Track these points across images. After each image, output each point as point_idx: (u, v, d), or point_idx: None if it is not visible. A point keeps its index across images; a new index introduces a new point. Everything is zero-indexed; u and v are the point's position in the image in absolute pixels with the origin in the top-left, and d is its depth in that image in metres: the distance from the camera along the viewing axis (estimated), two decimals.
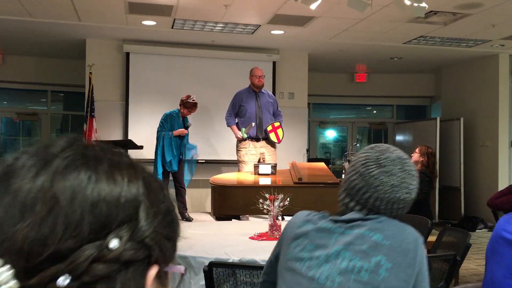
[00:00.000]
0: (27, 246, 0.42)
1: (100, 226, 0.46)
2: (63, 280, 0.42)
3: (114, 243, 0.45)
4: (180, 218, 5.98)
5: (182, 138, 6.15)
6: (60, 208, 0.45)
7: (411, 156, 5.10)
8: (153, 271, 0.50)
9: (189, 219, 6.06)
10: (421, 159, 4.91)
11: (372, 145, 1.34)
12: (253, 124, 5.97)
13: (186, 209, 6.22)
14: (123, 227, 0.47)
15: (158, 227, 0.51)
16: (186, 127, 6.16)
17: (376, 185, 1.24)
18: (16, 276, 0.41)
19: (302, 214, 1.34)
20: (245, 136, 5.98)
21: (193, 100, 6.10)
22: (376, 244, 1.20)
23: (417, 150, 5.03)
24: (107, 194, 0.48)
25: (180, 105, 6.16)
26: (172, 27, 6.59)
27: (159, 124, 6.10)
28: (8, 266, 0.41)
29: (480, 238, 7.12)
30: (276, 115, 6.24)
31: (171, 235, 0.54)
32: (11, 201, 0.45)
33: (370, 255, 1.19)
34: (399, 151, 1.31)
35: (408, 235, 1.23)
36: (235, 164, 6.46)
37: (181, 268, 0.56)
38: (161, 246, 0.51)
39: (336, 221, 1.28)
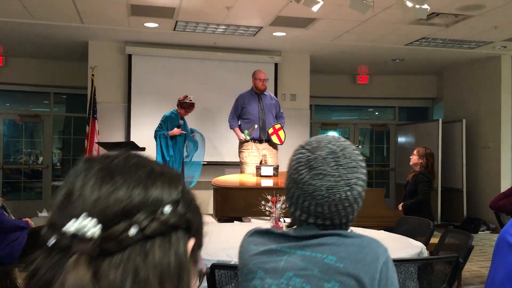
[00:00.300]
0: (110, 205, 0.56)
1: (158, 199, 0.59)
2: (133, 230, 0.55)
3: (166, 209, 0.59)
4: None
5: (182, 139, 6.12)
6: (134, 180, 0.60)
7: (410, 159, 5.08)
8: (191, 243, 0.62)
9: None
10: (420, 161, 4.91)
11: (307, 140, 1.21)
12: (256, 126, 5.98)
13: None
14: (172, 203, 0.60)
15: (194, 213, 0.63)
16: (178, 126, 6.12)
17: (311, 192, 1.12)
18: (100, 225, 0.55)
19: (248, 242, 1.22)
20: (248, 138, 5.99)
21: (190, 100, 6.09)
22: (329, 267, 1.07)
23: (415, 152, 5.03)
24: (167, 178, 0.62)
25: (177, 105, 6.16)
26: (174, 29, 6.61)
27: (158, 125, 6.10)
28: (95, 219, 0.55)
29: (483, 240, 7.11)
30: (278, 117, 6.25)
31: (201, 226, 0.66)
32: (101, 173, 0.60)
33: (322, 280, 1.06)
34: (334, 142, 1.17)
35: (366, 255, 1.09)
36: (238, 166, 6.46)
37: (204, 264, 0.62)
38: (197, 224, 0.64)
39: (287, 237, 1.15)
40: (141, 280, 0.54)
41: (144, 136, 7.10)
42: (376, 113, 10.76)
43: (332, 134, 9.74)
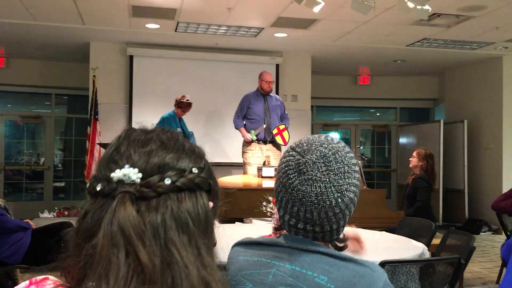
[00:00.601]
0: (149, 162, 0.70)
1: (187, 164, 0.72)
2: (167, 180, 0.68)
3: (195, 170, 0.72)
4: None
5: None
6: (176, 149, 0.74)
7: (409, 161, 5.05)
8: (211, 205, 0.74)
9: None
10: (420, 163, 4.87)
11: (298, 141, 1.15)
12: (264, 125, 5.98)
13: None
14: (198, 168, 0.73)
15: (214, 181, 0.76)
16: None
17: (300, 198, 1.07)
18: (141, 174, 0.68)
19: (236, 253, 1.19)
20: (254, 138, 5.98)
21: (187, 100, 6.09)
22: (319, 287, 1.01)
23: (415, 154, 4.97)
24: (194, 151, 0.76)
25: (174, 105, 6.16)
26: (175, 30, 6.61)
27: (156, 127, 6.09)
28: (136, 169, 0.68)
29: (485, 241, 7.10)
30: (283, 118, 6.25)
31: (218, 194, 0.78)
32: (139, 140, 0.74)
33: None
34: (326, 145, 1.11)
35: (361, 279, 1.02)
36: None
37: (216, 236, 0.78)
38: (216, 191, 0.76)
39: (276, 247, 1.12)
40: (177, 218, 0.66)
41: None
42: (378, 114, 10.76)
43: (330, 134, 9.73)
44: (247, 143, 6.11)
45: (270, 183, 5.07)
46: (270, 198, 2.95)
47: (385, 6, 5.29)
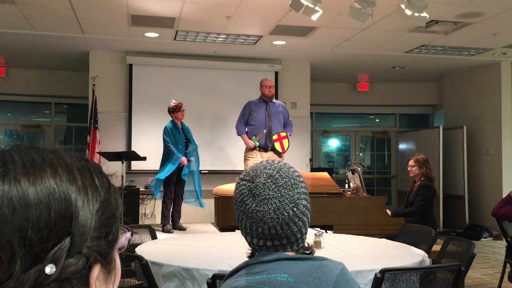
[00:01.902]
0: None
1: (33, 255, 0.49)
2: None
3: (50, 269, 0.49)
4: (171, 229, 5.99)
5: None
6: None
7: (409, 171, 5.00)
8: (95, 271, 0.54)
9: (181, 229, 6.10)
10: (422, 170, 4.85)
11: (244, 172, 1.26)
12: (265, 131, 5.98)
13: (180, 218, 6.24)
14: (57, 247, 0.50)
15: (94, 232, 0.53)
16: (188, 139, 6.18)
17: (261, 218, 1.17)
18: None
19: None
20: (257, 144, 5.99)
21: (175, 104, 6.13)
22: (281, 283, 1.10)
23: (413, 162, 4.90)
24: (36, 219, 0.49)
25: (170, 113, 6.18)
26: (174, 39, 6.64)
27: (165, 138, 6.09)
28: None
29: (485, 247, 7.08)
30: (286, 125, 6.26)
31: (109, 230, 0.56)
32: None
33: None
34: (269, 167, 1.22)
35: (317, 269, 1.11)
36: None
37: (125, 237, 0.60)
38: (99, 249, 0.54)
39: (248, 266, 1.19)
40: None
41: (145, 145, 7.12)
42: (377, 120, 10.78)
43: (330, 141, 9.64)
44: (248, 150, 6.11)
45: None
46: None
47: (383, 13, 5.31)
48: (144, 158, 6.06)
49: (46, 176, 0.52)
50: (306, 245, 1.24)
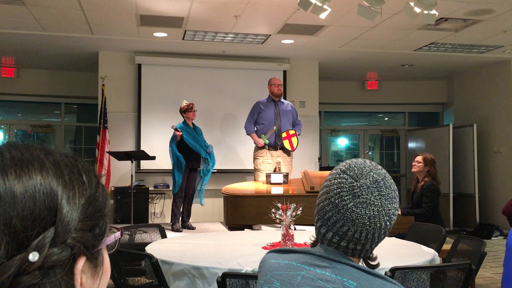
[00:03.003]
0: None
1: (17, 242, 0.51)
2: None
3: (33, 256, 0.50)
4: (180, 228, 6.01)
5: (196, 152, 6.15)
6: None
7: (413, 165, 4.98)
8: (80, 263, 0.55)
9: (191, 228, 6.12)
10: (427, 169, 4.80)
11: (344, 164, 1.21)
12: (274, 127, 5.98)
13: (189, 217, 6.27)
14: (41, 236, 0.51)
15: (79, 224, 0.55)
16: (206, 150, 6.20)
17: (354, 219, 1.14)
18: None
19: (269, 257, 1.25)
20: (267, 141, 5.99)
21: (187, 104, 6.15)
22: None
23: (420, 159, 4.86)
24: (20, 208, 0.51)
25: (181, 113, 6.19)
26: (183, 38, 6.66)
27: (172, 139, 6.11)
28: None
29: (496, 246, 7.03)
30: (295, 125, 6.26)
31: (95, 224, 0.58)
32: None
33: None
34: (375, 171, 1.18)
35: None
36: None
37: (115, 236, 0.61)
38: (83, 240, 0.55)
39: (309, 255, 1.17)
40: None
41: (155, 145, 7.15)
42: (386, 119, 10.73)
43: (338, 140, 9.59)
44: (258, 149, 6.12)
45: (279, 190, 5.07)
46: (279, 205, 2.95)
47: (391, 11, 5.29)
48: (153, 158, 6.09)
49: (33, 170, 0.54)
50: (371, 254, 1.22)
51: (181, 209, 6.20)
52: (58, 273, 0.52)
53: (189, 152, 6.04)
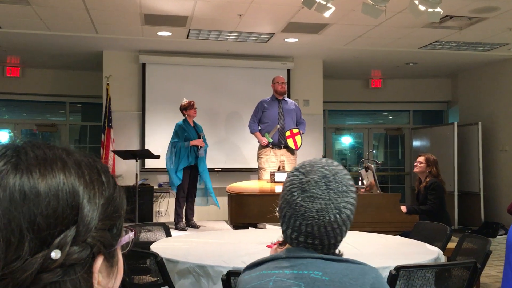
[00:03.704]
0: None
1: (40, 240, 0.51)
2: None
3: (55, 254, 0.51)
4: (185, 226, 6.01)
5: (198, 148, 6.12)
6: None
7: (415, 166, 4.97)
8: (98, 261, 0.56)
9: (195, 226, 6.11)
10: (429, 169, 4.79)
11: (301, 163, 1.26)
12: (278, 126, 5.98)
13: (193, 215, 6.26)
14: (63, 234, 0.52)
15: (99, 223, 0.56)
16: (199, 136, 6.14)
17: (302, 213, 1.18)
18: None
19: (242, 275, 1.29)
20: (270, 140, 5.99)
21: (187, 102, 6.12)
22: (315, 280, 1.12)
23: (422, 160, 4.83)
24: (44, 206, 0.52)
25: (182, 112, 6.17)
26: (187, 37, 6.66)
27: (174, 135, 6.09)
28: None
29: (501, 244, 7.00)
30: (299, 124, 6.25)
31: (113, 223, 0.59)
32: None
33: None
34: (327, 167, 1.22)
35: (353, 271, 1.14)
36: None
37: (129, 236, 0.62)
38: (103, 239, 0.56)
39: (277, 260, 1.22)
40: None
41: (159, 143, 7.16)
42: (390, 117, 10.70)
43: (342, 139, 9.61)
44: (262, 148, 6.12)
45: None
46: None
47: (396, 9, 5.27)
48: (157, 157, 6.10)
49: (56, 169, 0.55)
50: (337, 252, 1.25)
51: (185, 208, 6.20)
52: (78, 271, 0.53)
53: (190, 151, 6.02)
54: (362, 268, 1.15)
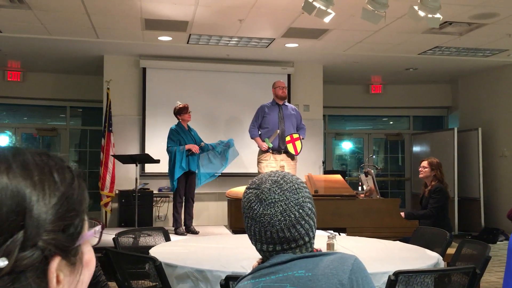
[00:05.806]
0: None
1: None
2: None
3: (2, 262, 0.48)
4: (184, 232, 5.97)
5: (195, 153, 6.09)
6: None
7: (419, 171, 4.95)
8: (54, 263, 0.53)
9: (194, 232, 6.05)
10: (434, 173, 4.79)
11: (249, 182, 1.31)
12: (278, 131, 5.97)
13: (192, 221, 6.21)
14: (9, 241, 0.49)
15: (50, 225, 0.53)
16: (199, 145, 6.12)
17: (268, 221, 1.22)
18: None
19: None
20: (270, 145, 5.98)
21: (179, 105, 6.11)
22: (299, 278, 1.15)
23: (426, 164, 4.84)
24: None
25: (175, 116, 6.15)
26: (187, 42, 6.68)
27: (169, 140, 6.06)
28: None
29: (501, 250, 6.99)
30: (299, 129, 6.25)
31: (69, 223, 0.55)
32: None
33: None
34: (273, 175, 1.28)
35: (332, 261, 1.17)
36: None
37: (95, 230, 0.59)
38: (56, 242, 0.53)
39: (262, 269, 1.24)
40: None
41: (159, 148, 7.16)
42: (391, 123, 10.71)
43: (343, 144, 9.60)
44: (262, 153, 6.11)
45: None
46: None
47: (395, 15, 5.29)
48: (157, 161, 6.09)
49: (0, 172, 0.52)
50: (314, 250, 1.28)
51: (183, 213, 6.15)
52: (29, 277, 0.50)
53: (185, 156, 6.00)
54: (340, 256, 1.19)
